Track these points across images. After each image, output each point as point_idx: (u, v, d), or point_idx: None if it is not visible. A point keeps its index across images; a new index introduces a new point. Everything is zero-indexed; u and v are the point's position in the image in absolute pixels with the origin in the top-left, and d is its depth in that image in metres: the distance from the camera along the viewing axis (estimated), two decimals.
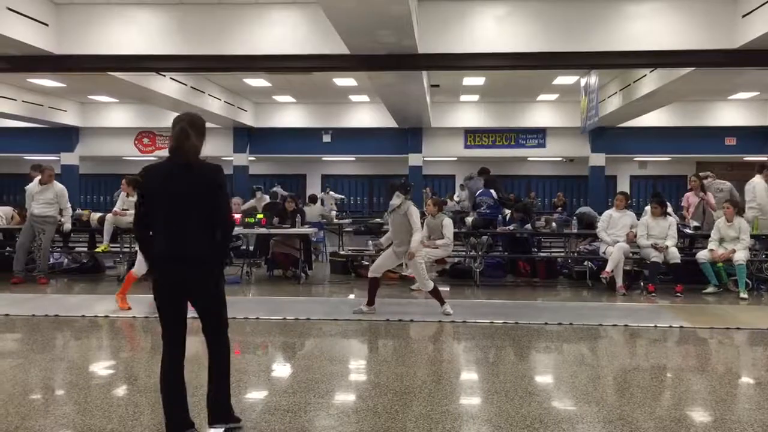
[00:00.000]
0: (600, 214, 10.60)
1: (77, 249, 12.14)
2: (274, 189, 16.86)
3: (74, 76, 15.16)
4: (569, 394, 4.84)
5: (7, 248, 11.22)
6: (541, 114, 22.08)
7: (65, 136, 22.87)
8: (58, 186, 10.25)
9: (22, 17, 10.52)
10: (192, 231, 3.68)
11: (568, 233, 11.18)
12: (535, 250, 11.61)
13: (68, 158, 23.28)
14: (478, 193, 11.26)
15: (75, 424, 4.08)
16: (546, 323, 7.26)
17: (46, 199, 10.03)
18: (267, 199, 14.89)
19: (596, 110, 15.71)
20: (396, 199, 7.66)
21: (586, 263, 10.61)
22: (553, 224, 11.07)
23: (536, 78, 17.17)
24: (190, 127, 3.74)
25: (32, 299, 8.55)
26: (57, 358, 5.94)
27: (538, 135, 22.64)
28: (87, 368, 5.60)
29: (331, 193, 21.44)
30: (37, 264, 10.05)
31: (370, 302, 7.78)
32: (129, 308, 7.76)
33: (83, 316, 7.54)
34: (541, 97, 20.96)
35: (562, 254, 11.97)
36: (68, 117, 21.82)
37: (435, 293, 7.76)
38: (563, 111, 21.66)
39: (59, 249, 11.43)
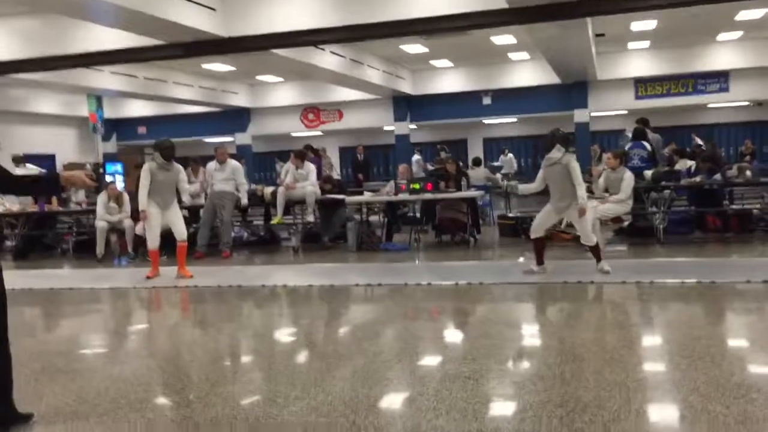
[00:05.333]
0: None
1: (255, 222, 12.74)
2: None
3: (242, 58, 15.85)
4: None
5: (193, 224, 11.95)
6: (723, 55, 19.98)
7: (238, 118, 24.14)
8: (233, 163, 10.74)
9: (192, 4, 11.04)
10: None
11: (766, 182, 10.04)
12: (726, 202, 10.54)
13: (242, 138, 24.57)
14: (629, 146, 10.43)
15: (261, 390, 4.15)
16: (748, 281, 6.48)
17: (223, 177, 10.55)
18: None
19: None
20: (556, 152, 7.19)
21: None
22: (747, 173, 9.97)
23: (715, 15, 15.45)
24: None
25: (217, 271, 9.03)
26: (242, 326, 6.16)
27: (720, 79, 20.62)
28: (270, 335, 5.76)
29: (510, 156, 21.69)
30: (221, 239, 10.60)
31: (539, 262, 7.47)
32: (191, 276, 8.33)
33: (263, 285, 7.83)
34: (722, 36, 18.94)
35: (758, 206, 10.78)
36: (240, 99, 23.01)
37: (595, 249, 7.27)
38: (749, 50, 19.46)
39: (238, 223, 12.03)
